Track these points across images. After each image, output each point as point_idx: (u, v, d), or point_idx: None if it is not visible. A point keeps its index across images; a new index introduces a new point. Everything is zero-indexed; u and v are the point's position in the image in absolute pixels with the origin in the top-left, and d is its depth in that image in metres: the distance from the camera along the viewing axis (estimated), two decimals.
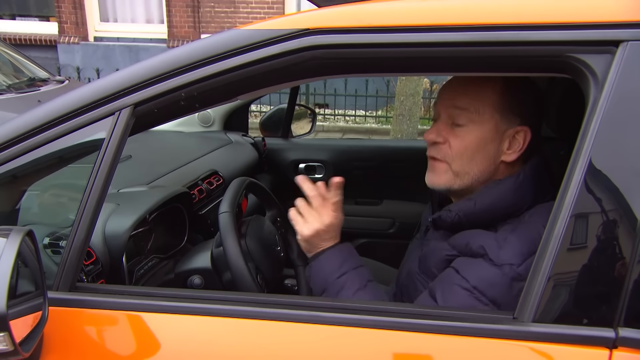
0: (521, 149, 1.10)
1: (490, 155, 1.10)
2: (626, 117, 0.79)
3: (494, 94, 1.09)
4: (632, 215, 0.78)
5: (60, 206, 1.24)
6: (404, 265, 1.29)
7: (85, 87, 0.98)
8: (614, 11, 0.83)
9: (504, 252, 0.98)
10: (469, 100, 1.09)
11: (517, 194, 1.06)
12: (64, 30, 8.12)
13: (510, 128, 1.10)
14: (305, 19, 0.93)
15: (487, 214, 1.06)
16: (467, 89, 1.10)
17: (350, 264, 1.14)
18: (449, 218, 1.09)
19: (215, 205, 1.83)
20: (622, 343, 0.78)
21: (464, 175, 1.11)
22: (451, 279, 1.03)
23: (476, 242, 1.02)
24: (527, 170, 1.08)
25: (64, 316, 0.93)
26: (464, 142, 1.10)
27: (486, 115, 1.08)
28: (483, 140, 1.09)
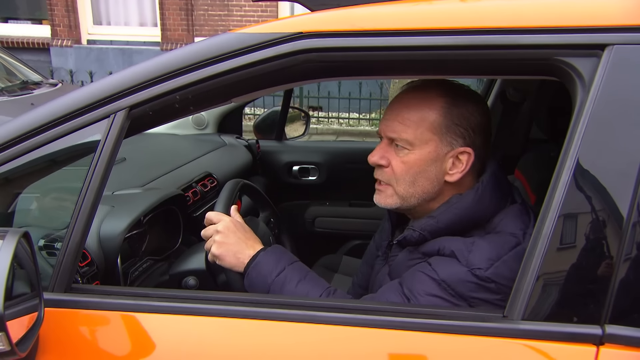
0: (464, 169, 1.10)
1: (431, 176, 1.10)
2: (612, 119, 0.81)
3: (433, 116, 1.08)
4: (619, 215, 0.80)
5: (55, 208, 1.24)
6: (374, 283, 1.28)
7: (80, 90, 0.99)
8: (600, 15, 0.84)
9: (472, 255, 1.00)
10: (409, 123, 1.09)
11: (479, 206, 1.07)
12: (57, 33, 8.09)
13: (451, 150, 1.09)
14: (299, 22, 0.94)
15: (450, 229, 1.07)
16: (407, 110, 1.10)
17: (285, 261, 1.14)
18: (414, 237, 1.10)
19: (209, 207, 1.83)
20: (609, 340, 0.80)
21: (409, 197, 1.12)
22: (421, 268, 1.05)
23: (446, 246, 1.04)
24: (485, 183, 1.08)
25: (59, 317, 0.94)
26: (405, 165, 1.10)
27: (425, 138, 1.08)
28: (423, 163, 1.09)
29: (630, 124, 0.81)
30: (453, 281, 0.99)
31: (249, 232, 1.19)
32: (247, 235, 1.18)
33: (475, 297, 0.98)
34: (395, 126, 1.10)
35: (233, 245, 1.14)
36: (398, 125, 1.10)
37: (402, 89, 1.17)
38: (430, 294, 1.00)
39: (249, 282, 1.12)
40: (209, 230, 1.17)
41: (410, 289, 1.03)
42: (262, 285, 1.11)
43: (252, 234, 1.19)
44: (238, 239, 1.15)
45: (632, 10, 0.83)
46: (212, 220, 1.18)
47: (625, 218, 0.79)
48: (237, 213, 1.23)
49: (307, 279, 1.13)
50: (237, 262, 1.14)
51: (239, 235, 1.16)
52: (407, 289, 1.03)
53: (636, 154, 0.80)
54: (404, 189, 1.11)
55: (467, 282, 0.98)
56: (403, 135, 1.09)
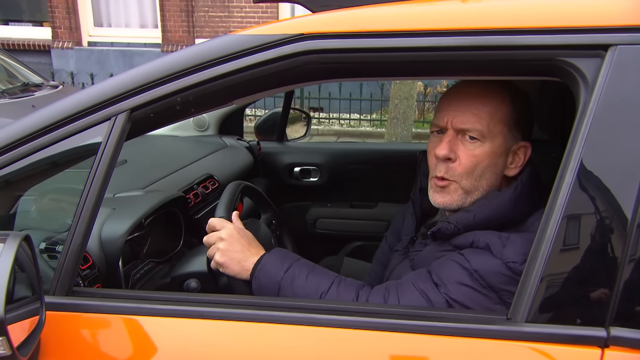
0: (522, 164, 1.12)
1: (497, 170, 1.11)
2: (616, 119, 0.81)
3: (504, 109, 1.09)
4: (623, 216, 0.79)
5: (56, 211, 1.24)
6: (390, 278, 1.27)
7: (81, 93, 0.99)
8: (603, 16, 0.84)
9: (507, 249, 0.99)
10: (483, 115, 1.08)
11: (516, 204, 1.07)
12: (58, 35, 8.10)
13: (515, 144, 1.11)
14: (300, 24, 0.94)
15: (485, 225, 1.07)
16: (479, 102, 1.09)
17: (291, 258, 1.14)
18: (448, 230, 1.09)
19: (211, 209, 1.83)
20: (614, 342, 0.79)
21: (474, 191, 1.11)
22: (453, 257, 1.04)
23: (481, 239, 1.03)
24: (524, 181, 1.09)
25: (60, 320, 0.93)
26: (475, 158, 1.08)
27: (497, 131, 1.08)
28: (493, 156, 1.09)
29: (634, 125, 0.80)
30: (485, 272, 0.98)
31: (251, 239, 1.18)
32: (250, 242, 1.17)
33: (506, 289, 0.97)
34: (467, 117, 1.08)
35: (237, 253, 1.14)
36: (471, 116, 1.08)
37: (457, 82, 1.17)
38: (460, 282, 0.99)
39: (257, 286, 1.12)
40: (212, 237, 1.17)
41: (440, 276, 1.02)
42: (272, 286, 1.10)
43: (254, 241, 1.19)
44: (242, 247, 1.14)
45: (635, 11, 0.83)
46: (214, 227, 1.18)
47: (630, 219, 0.79)
48: (239, 219, 1.22)
49: (315, 271, 1.12)
50: (242, 270, 1.13)
51: (242, 242, 1.15)
52: (436, 276, 1.02)
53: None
54: (470, 183, 1.10)
55: (499, 274, 0.98)
56: (477, 126, 1.08)
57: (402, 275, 1.20)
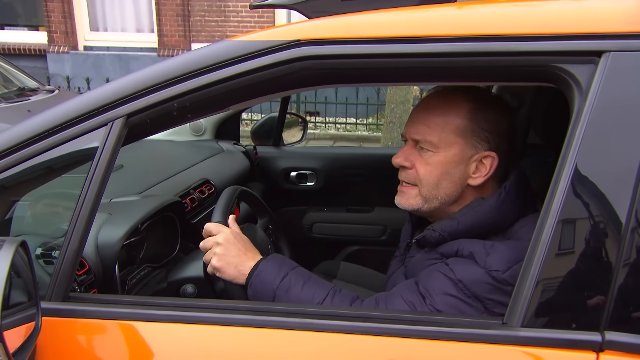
0: (487, 174, 1.11)
1: (455, 179, 1.12)
2: (609, 125, 0.82)
3: (458, 119, 1.10)
4: (617, 220, 0.80)
5: (52, 216, 1.24)
6: (388, 283, 1.30)
7: (78, 98, 0.99)
8: (597, 22, 0.85)
9: (490, 258, 1.00)
10: (434, 126, 1.10)
11: (500, 211, 1.08)
12: (54, 40, 8.10)
13: (476, 153, 1.11)
14: (297, 30, 0.94)
15: (469, 232, 1.08)
16: (432, 113, 1.12)
17: (287, 266, 1.14)
18: (433, 238, 1.11)
19: (207, 214, 1.83)
20: (609, 346, 0.80)
21: (432, 199, 1.13)
22: (438, 267, 1.05)
23: (465, 248, 1.04)
24: (508, 188, 1.09)
25: (57, 326, 0.93)
26: (429, 167, 1.11)
27: (449, 141, 1.10)
28: (448, 165, 1.10)
29: (627, 130, 0.81)
30: (469, 281, 0.99)
31: (248, 244, 1.18)
32: (246, 246, 1.17)
33: (491, 298, 0.98)
34: (420, 128, 1.12)
35: (234, 258, 1.14)
36: (423, 127, 1.11)
37: (428, 93, 1.19)
38: (446, 293, 1.00)
39: (252, 292, 1.12)
40: (209, 242, 1.17)
41: (426, 287, 1.03)
42: (267, 293, 1.11)
43: (251, 245, 1.19)
44: (238, 251, 1.14)
45: (629, 18, 0.84)
46: (211, 231, 1.18)
47: (624, 223, 0.80)
48: (235, 223, 1.22)
49: (311, 281, 1.13)
50: (238, 274, 1.13)
51: (239, 247, 1.15)
52: (423, 287, 1.04)
53: (634, 160, 0.80)
54: (428, 190, 1.12)
55: (483, 283, 0.98)
56: (428, 137, 1.11)
57: (397, 282, 1.21)
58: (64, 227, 0.96)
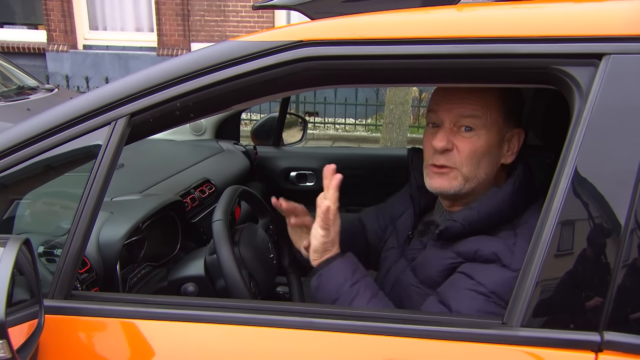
0: (516, 150, 1.14)
1: (494, 158, 1.13)
2: (609, 127, 0.82)
3: (497, 98, 1.11)
4: (617, 222, 0.81)
5: (55, 215, 1.24)
6: (387, 276, 1.28)
7: (81, 97, 0.99)
8: (597, 25, 0.86)
9: (516, 257, 1.00)
10: (477, 105, 1.10)
11: (515, 200, 1.09)
12: (53, 38, 8.09)
13: (509, 131, 1.14)
14: (299, 31, 0.95)
15: (488, 221, 1.08)
16: (471, 95, 1.11)
17: (361, 272, 1.12)
18: (455, 228, 1.10)
19: (207, 214, 1.83)
20: (607, 346, 0.80)
21: (473, 179, 1.12)
22: (464, 285, 1.03)
23: (487, 249, 1.04)
24: (520, 176, 1.11)
25: (59, 324, 0.94)
26: (473, 147, 1.10)
27: (492, 119, 1.11)
28: (490, 144, 1.11)
29: (627, 132, 0.82)
30: (502, 291, 0.98)
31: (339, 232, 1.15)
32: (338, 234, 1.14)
33: None
34: (462, 109, 1.11)
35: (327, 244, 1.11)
36: (465, 108, 1.11)
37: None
38: (482, 310, 0.99)
39: (318, 282, 1.10)
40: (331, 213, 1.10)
41: (459, 310, 1.00)
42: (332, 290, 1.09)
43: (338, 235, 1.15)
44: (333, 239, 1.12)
45: (629, 21, 0.84)
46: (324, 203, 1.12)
47: (623, 225, 0.80)
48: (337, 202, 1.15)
49: (378, 297, 1.10)
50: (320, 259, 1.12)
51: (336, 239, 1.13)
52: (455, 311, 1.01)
53: (633, 162, 0.81)
54: (469, 170, 1.11)
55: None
56: (473, 117, 1.10)
57: (400, 277, 1.20)
58: (66, 225, 0.96)
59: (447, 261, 1.10)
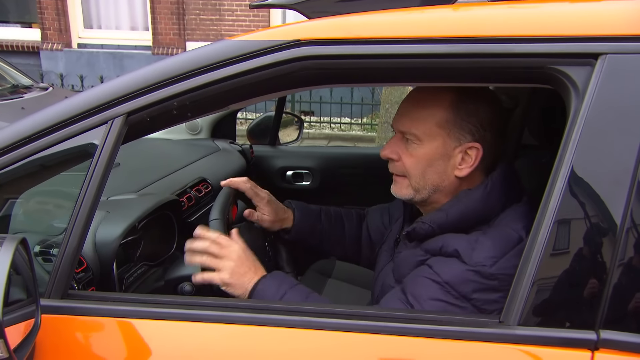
0: (473, 164, 1.12)
1: (440, 170, 1.13)
2: (606, 127, 0.83)
3: (441, 112, 1.11)
4: (613, 222, 0.81)
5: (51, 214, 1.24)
6: (377, 279, 1.31)
7: (78, 96, 0.99)
8: (593, 25, 0.86)
9: (476, 253, 1.01)
10: (417, 118, 1.12)
11: (487, 202, 1.09)
12: (47, 37, 8.04)
13: (459, 145, 1.12)
14: (296, 30, 0.95)
15: (458, 223, 1.09)
16: (417, 106, 1.14)
17: (287, 284, 1.15)
18: (423, 230, 1.12)
19: (204, 213, 1.83)
20: (603, 345, 0.81)
21: (421, 189, 1.16)
22: (422, 272, 1.06)
23: (450, 245, 1.05)
24: (494, 179, 1.11)
25: (56, 323, 0.93)
26: (413, 159, 1.14)
27: (432, 133, 1.11)
28: (432, 157, 1.12)
29: (623, 132, 0.82)
30: (456, 282, 1.00)
31: (255, 261, 1.18)
32: (255, 264, 1.17)
33: (479, 297, 0.99)
34: (405, 121, 1.15)
35: (243, 275, 1.14)
36: (408, 120, 1.14)
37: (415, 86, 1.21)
38: (433, 298, 1.01)
39: None
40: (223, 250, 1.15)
41: (414, 295, 1.04)
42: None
43: (256, 261, 1.19)
44: (248, 269, 1.15)
45: (625, 20, 0.85)
46: (220, 243, 1.16)
47: (619, 224, 0.81)
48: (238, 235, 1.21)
49: (310, 300, 1.14)
50: (244, 292, 1.14)
51: (248, 264, 1.15)
52: (411, 296, 1.04)
53: (629, 162, 0.81)
54: (416, 181, 1.15)
55: (470, 281, 0.99)
56: (412, 130, 1.13)
57: (386, 279, 1.23)
58: (62, 224, 0.96)
59: (417, 258, 1.12)
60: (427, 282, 1.04)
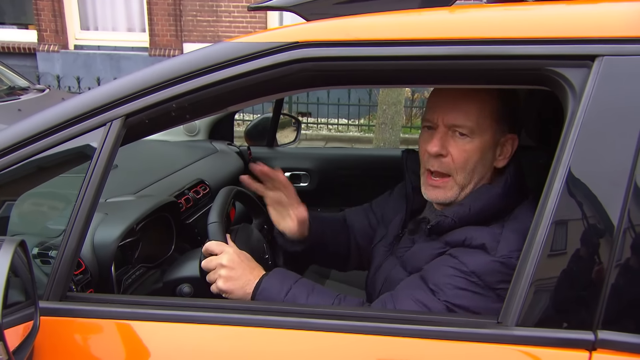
0: (509, 155, 1.15)
1: (487, 163, 1.14)
2: (603, 128, 0.83)
3: (491, 105, 1.12)
4: (610, 222, 0.82)
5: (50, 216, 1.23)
6: (376, 276, 1.29)
7: (76, 98, 0.99)
8: (590, 27, 0.86)
9: (501, 246, 1.02)
10: (471, 111, 1.10)
11: (506, 197, 1.11)
12: (44, 38, 8.02)
13: (502, 136, 1.14)
14: (295, 32, 0.95)
15: (478, 217, 1.10)
16: (467, 97, 1.11)
17: (290, 280, 1.14)
18: (446, 223, 1.11)
19: (202, 214, 1.83)
20: (601, 345, 0.81)
21: (467, 185, 1.14)
22: (446, 262, 1.06)
23: (474, 237, 1.06)
24: (512, 174, 1.13)
25: (54, 326, 0.93)
26: (467, 153, 1.11)
27: (486, 125, 1.11)
28: (483, 150, 1.12)
29: (620, 133, 0.83)
30: (482, 272, 1.01)
31: (251, 261, 1.18)
32: (250, 264, 1.17)
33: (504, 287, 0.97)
34: (457, 114, 1.11)
35: (240, 280, 1.13)
36: (460, 113, 1.11)
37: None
38: (458, 287, 1.01)
39: None
40: (212, 262, 1.15)
41: (437, 283, 1.04)
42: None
43: (253, 262, 1.18)
44: (243, 271, 1.14)
45: (622, 22, 0.85)
46: (213, 251, 1.16)
47: (617, 225, 0.81)
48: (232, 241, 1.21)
49: (315, 291, 1.13)
50: (245, 295, 1.13)
51: (243, 266, 1.14)
52: (433, 284, 1.04)
53: (626, 163, 0.82)
54: (464, 177, 1.13)
55: (496, 272, 1.00)
56: (467, 122, 1.10)
57: (390, 274, 1.22)
58: (61, 227, 0.96)
59: (436, 251, 1.11)
60: (451, 271, 1.03)
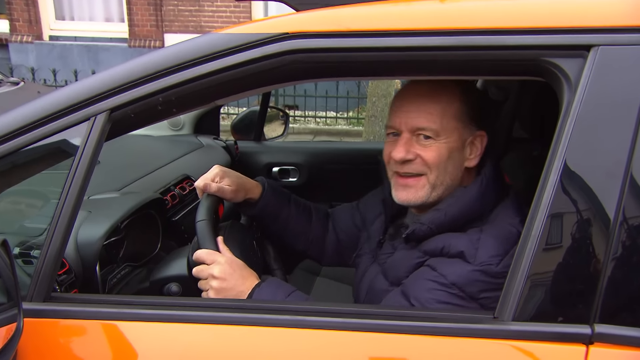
0: (480, 153, 1.13)
1: (457, 163, 1.12)
2: (598, 119, 0.83)
3: (455, 104, 1.10)
4: (606, 215, 0.81)
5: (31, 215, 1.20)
6: (361, 283, 1.28)
7: (59, 92, 0.96)
8: (585, 16, 0.86)
9: (480, 252, 1.01)
10: (434, 113, 1.09)
11: (483, 199, 1.09)
12: (16, 28, 7.80)
13: (471, 135, 1.12)
14: (285, 22, 0.93)
15: (456, 222, 1.08)
16: (429, 100, 1.10)
17: (282, 293, 1.12)
18: (422, 231, 1.10)
19: (189, 211, 1.79)
20: (598, 339, 0.81)
21: (439, 186, 1.12)
22: (425, 275, 1.04)
23: (452, 245, 1.04)
24: (488, 175, 1.11)
25: (38, 327, 0.91)
26: (435, 155, 1.10)
27: (451, 127, 1.10)
28: (451, 151, 1.11)
29: (616, 124, 0.82)
30: (463, 283, 0.99)
31: (244, 269, 1.14)
32: (242, 273, 1.13)
33: (486, 296, 0.98)
34: (420, 117, 1.10)
35: (231, 291, 1.10)
36: (423, 115, 1.09)
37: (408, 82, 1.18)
38: (440, 301, 1.00)
39: None
40: (203, 272, 1.12)
41: (418, 298, 1.02)
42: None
43: (246, 269, 1.15)
44: (235, 282, 1.10)
45: (617, 12, 0.85)
46: (204, 260, 1.13)
47: (613, 218, 0.81)
48: (225, 246, 1.17)
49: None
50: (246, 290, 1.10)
51: (235, 276, 1.11)
52: (414, 299, 1.03)
53: (622, 154, 0.81)
54: (436, 177, 1.11)
55: (477, 281, 0.99)
56: (431, 125, 1.09)
57: (373, 281, 1.20)
58: (42, 225, 0.93)
59: (415, 260, 1.10)
60: (431, 284, 1.02)
